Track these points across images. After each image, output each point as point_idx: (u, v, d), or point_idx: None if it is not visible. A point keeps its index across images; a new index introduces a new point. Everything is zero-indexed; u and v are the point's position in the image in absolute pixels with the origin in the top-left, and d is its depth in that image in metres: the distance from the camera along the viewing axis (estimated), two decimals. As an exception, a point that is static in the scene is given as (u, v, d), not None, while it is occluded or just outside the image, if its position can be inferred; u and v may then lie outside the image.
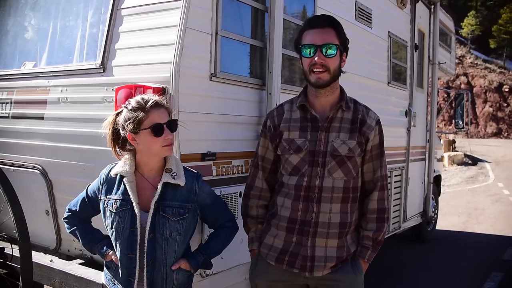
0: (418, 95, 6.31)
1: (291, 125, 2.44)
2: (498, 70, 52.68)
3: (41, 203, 3.47)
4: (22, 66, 3.69)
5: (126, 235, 2.25)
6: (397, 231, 5.89)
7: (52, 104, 3.37)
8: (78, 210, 2.44)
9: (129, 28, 3.06)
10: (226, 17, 3.07)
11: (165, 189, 2.27)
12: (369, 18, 4.81)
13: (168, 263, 2.28)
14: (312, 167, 2.36)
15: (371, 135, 2.42)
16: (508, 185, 15.30)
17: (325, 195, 2.35)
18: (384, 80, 5.28)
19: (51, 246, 3.52)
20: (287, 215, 2.40)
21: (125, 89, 2.76)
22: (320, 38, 2.32)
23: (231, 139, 3.19)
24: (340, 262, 2.40)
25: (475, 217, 10.14)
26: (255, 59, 3.42)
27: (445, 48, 8.19)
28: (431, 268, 6.28)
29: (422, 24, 6.38)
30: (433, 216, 7.65)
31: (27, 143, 3.53)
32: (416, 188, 6.49)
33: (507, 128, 48.91)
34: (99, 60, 3.13)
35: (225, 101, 3.12)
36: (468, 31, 54.80)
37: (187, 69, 2.78)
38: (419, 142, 6.49)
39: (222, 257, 2.67)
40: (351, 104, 2.46)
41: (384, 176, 2.51)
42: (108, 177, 2.34)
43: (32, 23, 3.86)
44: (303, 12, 3.92)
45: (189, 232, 2.36)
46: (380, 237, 2.46)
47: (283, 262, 2.41)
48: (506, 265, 6.59)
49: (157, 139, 2.22)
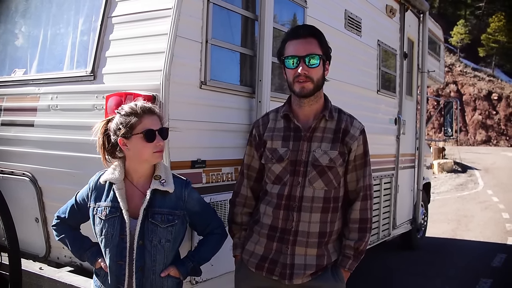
0: (407, 103, 6.36)
1: (274, 134, 2.45)
2: (487, 79, 53.06)
3: (31, 211, 3.45)
4: (12, 73, 3.68)
5: (116, 242, 2.26)
6: (387, 238, 5.91)
7: (42, 111, 3.37)
8: (67, 217, 2.44)
9: (119, 36, 3.07)
10: (216, 25, 3.09)
11: (154, 196, 2.28)
12: (358, 26, 4.86)
13: (157, 270, 2.29)
14: (293, 176, 2.37)
15: (353, 145, 2.41)
16: (497, 193, 15.40)
17: (305, 204, 2.35)
18: (373, 88, 5.32)
19: (40, 253, 3.50)
20: (268, 222, 2.41)
21: (115, 96, 2.76)
22: (303, 49, 2.32)
23: (221, 147, 3.20)
24: (320, 270, 2.40)
25: (465, 224, 10.19)
26: (245, 67, 3.45)
27: (434, 57, 8.27)
28: (421, 275, 6.29)
29: (411, 33, 6.44)
30: (423, 223, 7.70)
31: (17, 150, 3.52)
32: (406, 195, 6.52)
33: (496, 136, 49.22)
34: (90, 67, 3.14)
35: (215, 109, 3.14)
36: (458, 39, 55.21)
37: (177, 77, 2.79)
38: (409, 149, 6.53)
39: (211, 264, 2.68)
40: (335, 113, 2.46)
41: (368, 186, 2.48)
42: (98, 184, 2.35)
43: (23, 30, 3.86)
44: (293, 21, 3.95)
45: (178, 239, 2.37)
46: (361, 247, 2.45)
47: (263, 269, 2.42)
48: (495, 272, 6.63)
49: (149, 145, 2.24)
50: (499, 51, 55.62)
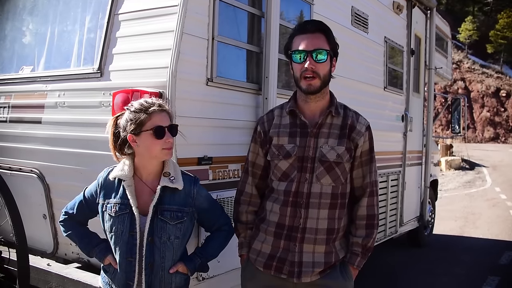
0: (414, 100, 6.33)
1: (280, 130, 2.44)
2: (495, 75, 52.77)
3: (38, 207, 3.48)
4: (20, 71, 3.70)
5: (126, 239, 2.26)
6: (394, 235, 5.90)
7: (50, 108, 3.39)
8: (75, 213, 2.45)
9: (126, 33, 3.08)
10: (223, 22, 3.09)
11: (163, 193, 2.29)
12: (365, 23, 4.84)
13: (166, 267, 2.30)
14: (301, 172, 2.36)
15: (360, 141, 2.41)
16: (505, 190, 15.32)
17: (313, 201, 2.35)
18: (380, 85, 5.30)
19: (48, 249, 3.52)
20: (275, 220, 2.40)
21: (122, 93, 2.77)
22: (310, 44, 2.31)
23: (228, 144, 3.21)
24: (329, 268, 2.39)
25: (472, 221, 10.15)
26: (252, 64, 3.44)
27: (441, 53, 8.23)
28: (428, 273, 6.28)
29: (418, 29, 6.41)
30: (430, 220, 7.67)
31: (24, 147, 3.54)
32: (413, 192, 6.50)
33: (504, 133, 48.97)
34: (97, 64, 3.15)
35: (222, 105, 3.14)
36: (466, 36, 54.90)
37: (184, 74, 2.80)
38: (416, 146, 6.51)
39: (218, 260, 2.68)
40: (340, 109, 2.46)
41: (374, 182, 2.48)
42: (106, 181, 2.35)
43: (30, 27, 3.88)
44: (299, 18, 3.95)
45: (186, 235, 2.37)
46: (369, 243, 2.45)
47: (271, 268, 2.40)
48: (503, 269, 6.61)
49: (158, 142, 2.24)
50: (508, 47, 55.23)
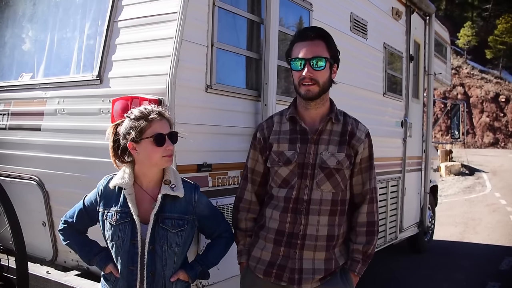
0: (414, 106, 6.34)
1: (280, 137, 2.43)
2: (494, 81, 52.91)
3: (38, 214, 3.46)
4: (20, 78, 3.70)
5: (127, 247, 2.25)
6: (394, 241, 5.89)
7: (49, 115, 3.38)
8: (75, 221, 2.43)
9: (125, 40, 3.08)
10: (222, 29, 3.09)
11: (164, 201, 2.28)
12: (364, 29, 4.85)
13: (167, 275, 2.28)
14: (301, 179, 2.35)
15: (360, 147, 2.41)
16: (505, 195, 15.32)
17: (313, 207, 2.34)
18: (379, 91, 5.31)
19: (47, 257, 3.51)
20: (275, 227, 2.39)
21: (121, 100, 2.77)
22: (309, 51, 2.31)
23: (227, 150, 3.20)
24: (329, 274, 2.38)
25: (472, 227, 10.14)
26: (251, 70, 3.44)
27: (440, 59, 8.25)
28: (428, 278, 6.26)
29: (417, 35, 6.43)
30: (430, 226, 7.66)
31: (24, 154, 3.53)
32: (413, 198, 6.49)
33: (503, 138, 49.02)
34: (96, 71, 3.15)
35: (221, 112, 3.14)
36: (465, 41, 55.08)
37: (183, 81, 2.80)
38: (415, 152, 6.51)
39: (218, 268, 2.67)
40: (340, 116, 2.46)
41: (374, 189, 2.48)
42: (106, 189, 2.34)
43: (30, 34, 3.88)
44: (298, 24, 3.95)
45: (187, 243, 2.36)
46: (370, 250, 2.45)
47: (271, 275, 2.39)
48: (503, 275, 6.59)
49: (158, 149, 2.23)
50: (507, 53, 55.45)
